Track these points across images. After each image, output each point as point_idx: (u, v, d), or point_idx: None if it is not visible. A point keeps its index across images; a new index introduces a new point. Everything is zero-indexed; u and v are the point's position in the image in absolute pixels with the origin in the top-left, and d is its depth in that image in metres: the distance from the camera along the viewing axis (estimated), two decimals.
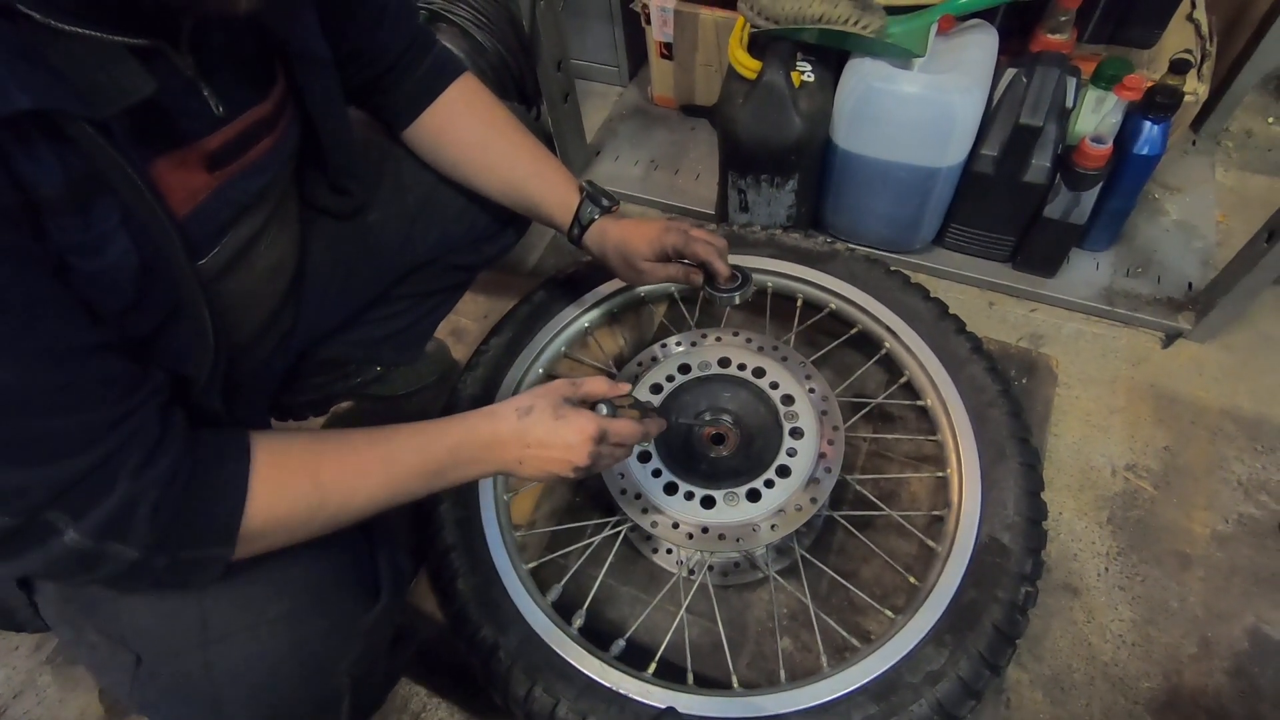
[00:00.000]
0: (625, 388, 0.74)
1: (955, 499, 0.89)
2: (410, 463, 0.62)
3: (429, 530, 0.91)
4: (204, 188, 0.58)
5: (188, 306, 0.55)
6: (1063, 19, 1.13)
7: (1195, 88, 1.16)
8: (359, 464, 0.60)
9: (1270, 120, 1.51)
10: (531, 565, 0.92)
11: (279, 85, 0.66)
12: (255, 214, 0.67)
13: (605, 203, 0.87)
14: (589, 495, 1.10)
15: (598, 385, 0.71)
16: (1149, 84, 1.07)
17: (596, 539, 0.96)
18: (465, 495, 0.93)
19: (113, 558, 0.49)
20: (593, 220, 0.86)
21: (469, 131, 0.85)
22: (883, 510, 0.97)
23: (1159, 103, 1.06)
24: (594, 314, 1.12)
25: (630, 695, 0.78)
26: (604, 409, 0.70)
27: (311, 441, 0.60)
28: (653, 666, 0.83)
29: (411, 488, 0.63)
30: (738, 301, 0.88)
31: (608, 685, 0.78)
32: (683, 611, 0.89)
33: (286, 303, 0.80)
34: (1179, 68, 1.06)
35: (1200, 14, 1.24)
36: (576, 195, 0.87)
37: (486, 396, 1.03)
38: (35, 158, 0.42)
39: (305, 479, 0.57)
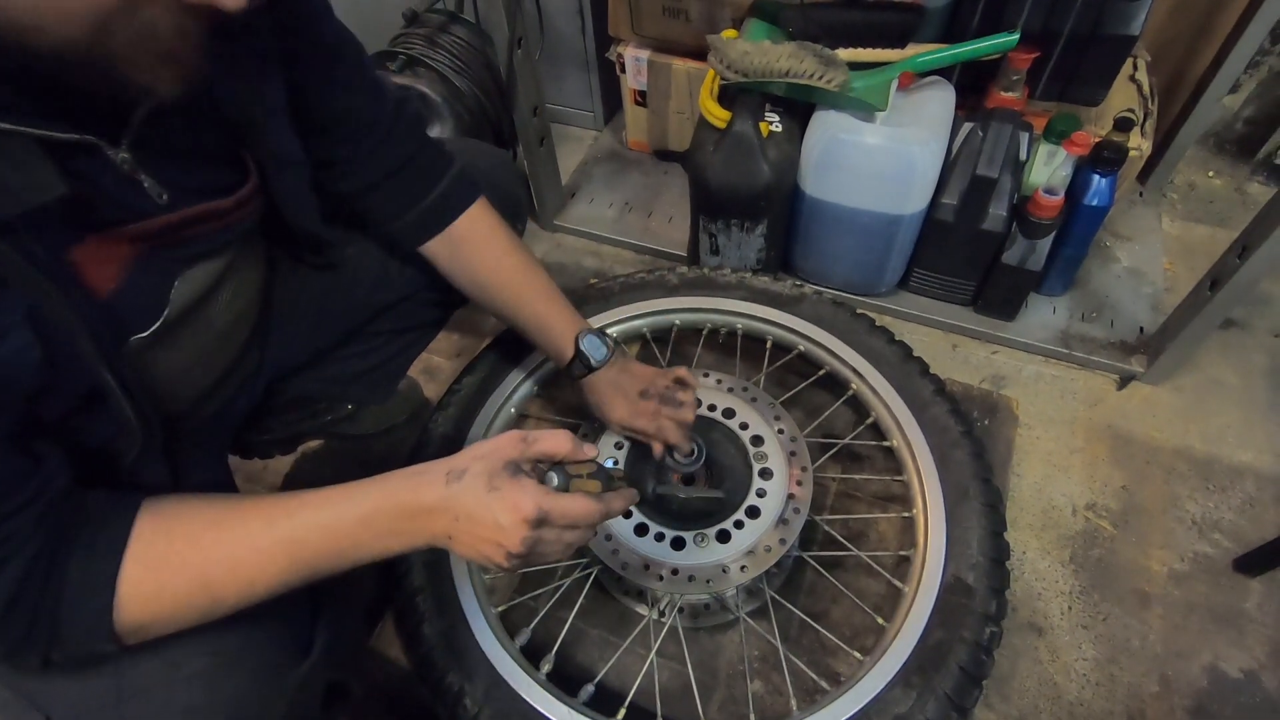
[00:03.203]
0: (591, 451, 0.62)
1: (921, 539, 0.90)
2: (316, 544, 0.55)
3: (396, 572, 0.90)
4: (130, 255, 0.55)
5: (107, 394, 0.52)
6: (1014, 78, 1.19)
7: (1139, 144, 1.22)
8: (255, 554, 0.54)
9: (1211, 174, 1.60)
10: (501, 608, 0.91)
11: (250, 184, 0.64)
12: (206, 273, 0.64)
13: (593, 364, 0.88)
14: None
15: (555, 443, 0.60)
16: (1096, 140, 1.13)
17: (567, 581, 0.95)
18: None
19: None
20: (582, 374, 0.89)
21: (478, 269, 0.86)
22: (851, 550, 0.98)
23: (1105, 157, 1.12)
24: None
25: None
26: (554, 478, 0.59)
27: (200, 530, 0.54)
28: (622, 712, 0.82)
29: (324, 567, 0.56)
30: (688, 471, 0.94)
31: None
32: (653, 654, 0.88)
33: (249, 349, 0.78)
34: (1123, 125, 1.13)
35: (1142, 76, 1.32)
36: (571, 347, 0.88)
37: (458, 435, 1.03)
38: None
39: (188, 580, 0.52)
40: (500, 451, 0.58)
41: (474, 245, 0.85)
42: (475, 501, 0.55)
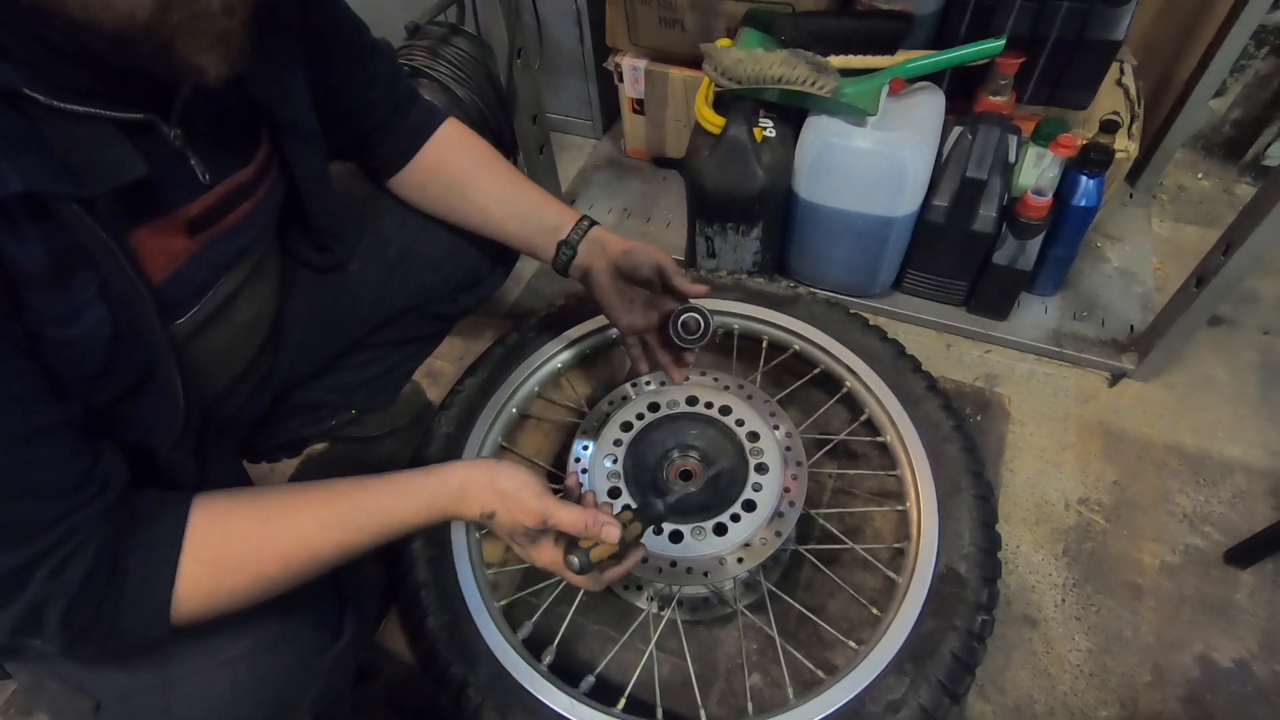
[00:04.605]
0: (609, 535, 0.66)
1: (914, 531, 0.92)
2: (365, 540, 0.61)
3: (400, 568, 0.92)
4: (183, 252, 0.59)
5: (159, 372, 0.55)
6: (1002, 82, 1.22)
7: (1126, 146, 1.25)
8: (307, 550, 0.58)
9: (1199, 176, 1.62)
10: (503, 603, 0.93)
11: (263, 150, 0.67)
12: (235, 272, 0.68)
13: (596, 220, 0.89)
14: None
15: (572, 523, 0.65)
16: (1082, 142, 1.15)
17: None
18: (437, 534, 0.94)
19: (32, 650, 0.48)
20: (595, 223, 0.88)
21: (462, 165, 0.87)
22: (846, 544, 0.99)
23: (1092, 159, 1.14)
24: (567, 355, 1.15)
25: None
26: (575, 562, 0.65)
27: (254, 526, 0.57)
28: (622, 702, 0.83)
29: (366, 553, 0.62)
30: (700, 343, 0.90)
31: None
32: (651, 647, 0.90)
33: (263, 352, 0.81)
34: (1108, 127, 1.15)
35: (1128, 80, 1.35)
36: (573, 212, 0.89)
37: (460, 436, 1.05)
38: (20, 236, 0.43)
39: (245, 575, 0.55)
40: (521, 516, 0.65)
41: (460, 147, 0.87)
42: (503, 534, 0.67)
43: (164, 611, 0.52)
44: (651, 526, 0.76)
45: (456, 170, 0.87)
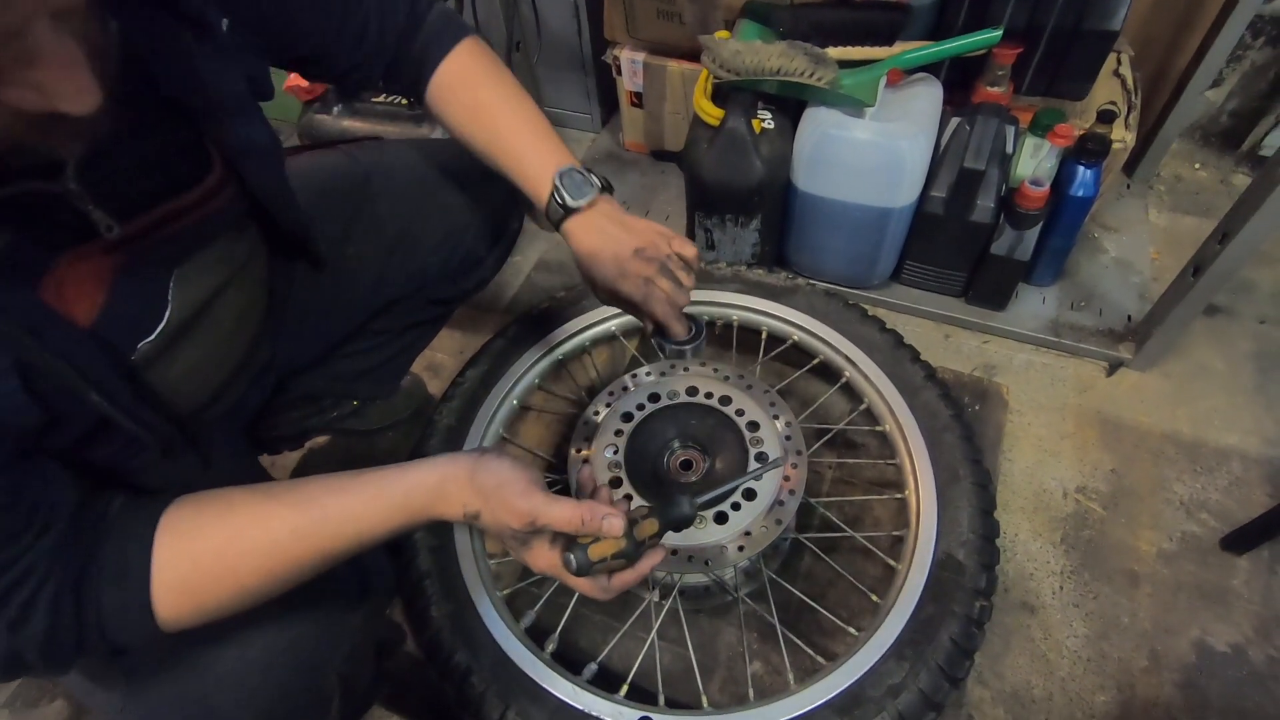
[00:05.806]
0: (611, 529, 0.59)
1: (913, 519, 0.93)
2: (344, 548, 0.58)
3: (403, 558, 0.93)
4: (109, 269, 0.54)
5: (111, 418, 0.53)
6: (1000, 73, 1.22)
7: (1123, 136, 1.25)
8: (286, 561, 0.56)
9: (1196, 166, 1.63)
10: (505, 592, 0.94)
11: (215, 173, 0.63)
12: (205, 270, 0.64)
13: (569, 203, 0.75)
14: None
15: (565, 521, 0.58)
16: (1080, 132, 1.16)
17: None
18: (439, 525, 0.94)
19: (40, 673, 0.50)
20: (560, 217, 0.76)
21: (458, 116, 0.81)
22: (846, 532, 1.00)
23: (1089, 149, 1.15)
24: (567, 347, 1.16)
25: (602, 717, 0.79)
26: (573, 562, 0.59)
27: (225, 544, 0.54)
28: (624, 690, 0.84)
29: (350, 555, 0.59)
30: (688, 359, 0.85)
31: (579, 707, 0.80)
32: (653, 636, 0.91)
33: (260, 341, 0.80)
34: (1105, 117, 1.16)
35: (1125, 70, 1.35)
36: (548, 184, 0.75)
37: (461, 428, 1.05)
38: None
39: (226, 592, 0.54)
40: (506, 517, 0.57)
41: (451, 91, 0.80)
42: (493, 533, 0.62)
43: (152, 632, 0.52)
44: (672, 528, 0.65)
45: (455, 120, 0.81)
